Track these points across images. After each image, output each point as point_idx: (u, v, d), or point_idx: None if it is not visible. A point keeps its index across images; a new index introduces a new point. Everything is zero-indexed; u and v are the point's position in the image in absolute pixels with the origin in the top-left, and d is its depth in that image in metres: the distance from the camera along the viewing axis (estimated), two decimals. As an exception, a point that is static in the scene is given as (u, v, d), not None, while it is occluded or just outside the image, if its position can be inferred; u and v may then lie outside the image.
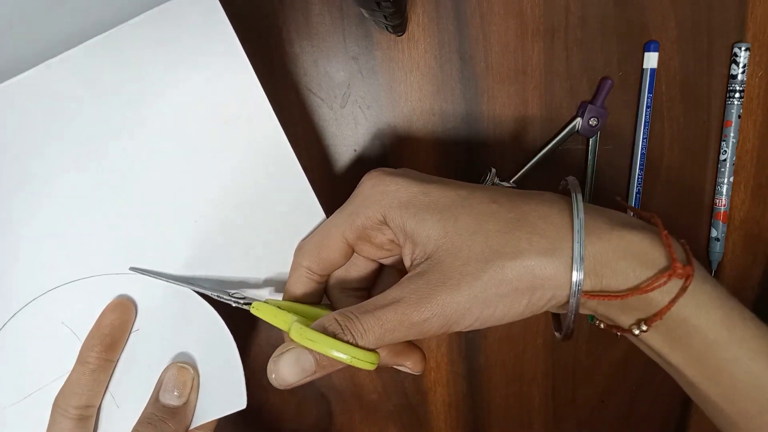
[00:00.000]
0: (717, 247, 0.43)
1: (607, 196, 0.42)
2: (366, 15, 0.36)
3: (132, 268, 0.32)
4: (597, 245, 0.25)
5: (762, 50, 0.40)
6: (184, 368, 0.32)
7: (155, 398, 0.32)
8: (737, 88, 0.40)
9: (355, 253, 0.31)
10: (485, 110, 0.40)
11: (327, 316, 0.27)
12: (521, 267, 0.25)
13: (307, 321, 0.28)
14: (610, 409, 0.47)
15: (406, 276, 0.27)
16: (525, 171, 0.41)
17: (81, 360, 0.31)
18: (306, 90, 0.40)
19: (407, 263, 0.28)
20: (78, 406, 0.31)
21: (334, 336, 0.26)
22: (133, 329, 0.33)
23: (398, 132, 0.40)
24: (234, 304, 0.31)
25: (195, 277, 0.33)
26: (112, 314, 0.32)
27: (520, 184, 0.41)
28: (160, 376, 0.32)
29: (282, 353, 0.27)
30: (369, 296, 0.32)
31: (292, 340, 0.27)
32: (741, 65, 0.40)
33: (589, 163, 0.41)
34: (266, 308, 0.30)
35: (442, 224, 0.26)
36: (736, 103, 0.41)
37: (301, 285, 0.31)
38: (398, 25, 0.36)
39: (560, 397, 0.46)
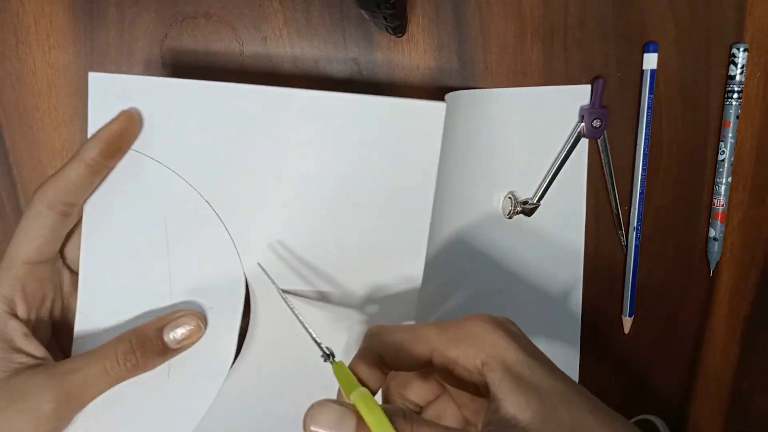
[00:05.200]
0: (715, 247, 0.43)
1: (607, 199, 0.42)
2: (366, 16, 0.36)
3: (260, 264, 0.33)
4: None
5: (760, 51, 0.41)
6: (200, 327, 0.32)
7: (160, 327, 0.31)
8: (735, 89, 0.41)
9: (423, 380, 0.30)
10: (485, 111, 0.40)
11: (396, 405, 0.26)
12: None
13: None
14: (609, 409, 0.47)
15: None
16: (544, 189, 0.41)
17: (80, 158, 0.30)
18: (306, 91, 0.40)
19: (484, 420, 0.26)
20: (67, 202, 0.30)
21: (392, 424, 0.24)
22: (207, 306, 0.33)
23: (398, 133, 0.40)
24: (318, 350, 0.29)
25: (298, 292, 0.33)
26: (117, 125, 0.31)
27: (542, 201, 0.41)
28: (177, 312, 0.32)
29: (330, 403, 0.25)
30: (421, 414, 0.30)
31: (350, 401, 0.25)
32: (739, 66, 0.40)
33: (604, 162, 0.41)
34: (345, 371, 0.28)
35: (542, 408, 0.25)
36: (734, 103, 0.41)
37: (366, 368, 0.29)
38: (398, 27, 0.36)
39: (560, 397, 0.46)
